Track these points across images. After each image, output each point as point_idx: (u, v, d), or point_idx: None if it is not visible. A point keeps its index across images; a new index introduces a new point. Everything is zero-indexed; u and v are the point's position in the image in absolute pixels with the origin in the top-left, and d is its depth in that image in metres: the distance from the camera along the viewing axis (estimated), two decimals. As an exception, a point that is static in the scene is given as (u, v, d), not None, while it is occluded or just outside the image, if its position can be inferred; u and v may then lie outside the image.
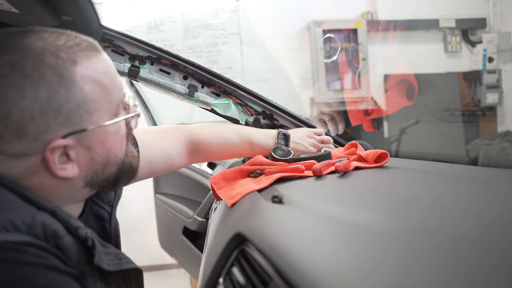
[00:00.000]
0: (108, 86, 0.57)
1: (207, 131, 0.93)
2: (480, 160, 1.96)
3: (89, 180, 0.59)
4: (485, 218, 0.47)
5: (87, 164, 0.57)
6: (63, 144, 0.53)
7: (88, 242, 0.55)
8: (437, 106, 2.62)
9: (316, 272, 0.37)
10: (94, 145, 0.57)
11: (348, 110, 1.99)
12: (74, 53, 0.54)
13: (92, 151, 0.57)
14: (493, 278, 0.32)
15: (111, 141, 0.59)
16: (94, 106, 0.55)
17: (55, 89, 0.52)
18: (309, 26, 3.03)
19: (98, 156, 0.58)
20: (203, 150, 0.92)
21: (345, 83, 2.97)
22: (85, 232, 0.55)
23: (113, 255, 0.60)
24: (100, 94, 0.56)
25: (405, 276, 0.34)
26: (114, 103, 0.59)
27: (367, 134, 1.78)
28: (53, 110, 0.52)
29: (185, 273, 2.75)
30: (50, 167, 0.53)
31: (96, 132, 0.56)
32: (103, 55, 0.59)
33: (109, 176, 0.61)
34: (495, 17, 3.12)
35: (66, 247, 0.52)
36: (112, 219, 0.70)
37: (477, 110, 2.91)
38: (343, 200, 0.60)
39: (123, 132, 0.62)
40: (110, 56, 0.98)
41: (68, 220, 0.54)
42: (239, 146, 0.94)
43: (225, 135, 0.94)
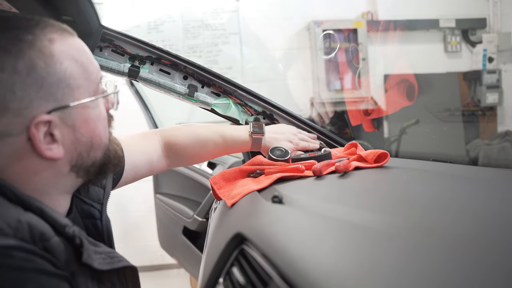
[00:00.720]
0: (86, 64, 0.58)
1: (178, 132, 0.95)
2: (480, 160, 1.96)
3: (75, 164, 0.58)
4: (484, 218, 0.47)
5: (72, 145, 0.57)
6: (47, 119, 0.53)
7: (76, 240, 0.55)
8: (437, 106, 2.62)
9: (316, 272, 0.37)
10: (77, 124, 0.57)
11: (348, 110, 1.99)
12: (49, 32, 0.55)
13: (76, 130, 0.57)
14: (492, 277, 0.32)
15: (94, 121, 0.59)
16: (75, 82, 0.56)
17: (35, 62, 0.52)
18: (309, 26, 3.03)
19: (82, 136, 0.58)
20: (176, 149, 0.93)
21: (345, 83, 2.97)
22: (72, 230, 0.55)
23: (104, 254, 0.60)
24: (79, 71, 0.57)
25: (404, 276, 0.34)
26: (93, 82, 0.59)
27: (367, 134, 1.78)
28: (34, 82, 0.52)
29: (185, 273, 2.75)
30: (36, 145, 0.53)
31: (79, 110, 0.57)
32: (77, 38, 0.60)
33: (95, 161, 0.61)
34: (495, 17, 3.12)
35: (55, 249, 0.51)
36: (103, 216, 0.70)
37: (477, 110, 2.91)
38: (343, 200, 0.60)
39: (104, 115, 0.62)
40: (110, 56, 0.99)
41: (55, 218, 0.54)
42: (211, 140, 0.94)
43: (195, 130, 0.95)
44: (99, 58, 0.98)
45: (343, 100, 2.92)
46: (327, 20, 3.00)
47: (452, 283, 0.32)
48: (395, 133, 2.26)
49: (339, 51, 2.97)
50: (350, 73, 2.97)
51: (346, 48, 2.98)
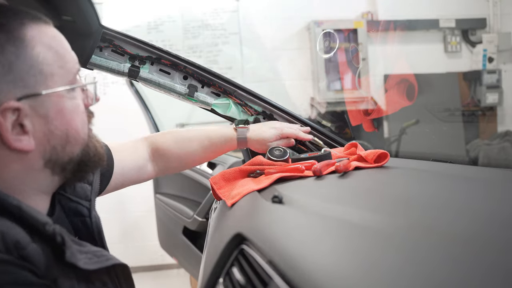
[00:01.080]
0: (61, 52, 0.56)
1: (163, 135, 0.94)
2: (480, 160, 1.96)
3: (48, 158, 0.55)
4: (484, 218, 0.47)
5: (45, 137, 0.54)
6: (15, 106, 0.50)
7: (57, 238, 0.51)
8: (437, 106, 2.62)
9: (315, 272, 0.37)
10: (51, 115, 0.53)
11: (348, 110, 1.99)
12: (23, 17, 0.53)
13: (49, 122, 0.53)
14: (491, 277, 0.32)
15: (70, 113, 0.56)
16: (48, 68, 0.53)
17: (4, 46, 0.50)
18: (309, 26, 3.03)
19: (56, 129, 0.54)
20: (162, 152, 0.92)
21: (345, 83, 2.97)
22: (52, 228, 0.51)
23: (90, 253, 0.56)
24: (53, 58, 0.54)
25: (404, 276, 0.34)
26: (70, 72, 0.57)
27: (367, 134, 1.78)
28: (1, 65, 0.50)
29: (185, 273, 2.75)
30: (3, 135, 0.50)
31: (53, 100, 0.54)
32: (53, 28, 0.57)
33: (72, 157, 0.57)
34: (495, 17, 3.12)
35: (32, 256, 0.47)
36: (92, 213, 0.66)
37: (477, 110, 2.91)
38: (343, 200, 0.60)
39: (83, 109, 0.59)
40: (110, 56, 0.99)
41: (34, 216, 0.51)
42: (195, 139, 0.94)
43: (181, 132, 0.95)
44: (99, 58, 0.97)
45: (343, 100, 2.92)
46: (327, 20, 3.00)
47: (451, 283, 0.32)
48: (395, 133, 2.26)
49: (339, 51, 2.97)
50: (350, 73, 2.97)
51: (346, 48, 2.98)
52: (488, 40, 2.99)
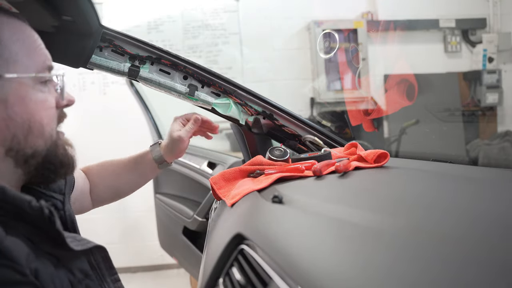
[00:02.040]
0: (29, 44, 0.56)
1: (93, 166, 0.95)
2: (480, 160, 1.96)
3: (9, 146, 0.54)
4: (485, 218, 0.47)
5: (3, 122, 0.52)
6: None
7: (45, 211, 0.51)
8: (437, 106, 2.62)
9: (316, 272, 0.37)
10: (11, 100, 0.53)
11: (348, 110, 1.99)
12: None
13: (9, 107, 0.53)
14: (492, 277, 0.32)
15: (34, 103, 0.55)
16: (10, 55, 0.53)
17: None
18: (309, 26, 3.03)
19: (16, 116, 0.53)
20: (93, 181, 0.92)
21: (345, 83, 2.97)
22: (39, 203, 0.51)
23: (71, 237, 0.56)
24: (19, 47, 0.55)
25: (404, 276, 0.34)
26: (38, 64, 0.57)
27: (367, 134, 1.78)
28: None
29: (185, 273, 2.75)
30: None
31: (14, 85, 0.53)
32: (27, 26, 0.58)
33: (36, 150, 0.56)
34: (495, 17, 3.12)
35: (11, 249, 0.46)
36: (66, 206, 0.65)
37: (477, 110, 2.91)
38: (343, 200, 0.60)
39: (51, 103, 0.59)
40: (110, 56, 0.99)
41: (18, 196, 0.50)
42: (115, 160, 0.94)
43: (107, 161, 0.95)
44: (99, 58, 0.98)
45: (343, 100, 2.92)
46: (327, 20, 3.00)
47: (453, 283, 0.32)
48: (395, 133, 2.26)
49: (339, 51, 2.97)
50: (350, 73, 2.97)
51: (346, 48, 2.98)
52: (488, 40, 2.99)
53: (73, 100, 0.63)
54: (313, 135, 1.08)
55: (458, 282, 0.32)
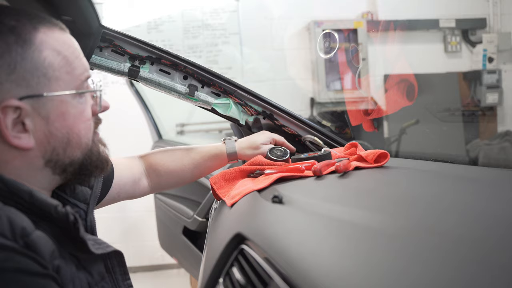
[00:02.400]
0: (70, 59, 0.57)
1: (157, 152, 0.95)
2: (480, 160, 1.95)
3: (49, 158, 0.56)
4: (485, 218, 0.47)
5: (45, 137, 0.55)
6: (16, 105, 0.51)
7: (70, 217, 0.53)
8: (437, 106, 2.62)
9: (316, 271, 0.37)
10: (52, 117, 0.55)
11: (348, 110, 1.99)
12: (37, 21, 0.54)
13: (50, 123, 0.55)
14: (492, 277, 0.32)
15: (73, 117, 0.57)
16: (53, 73, 0.54)
17: (11, 46, 0.51)
18: (309, 26, 3.02)
19: (57, 131, 0.55)
20: (155, 167, 0.93)
21: (345, 83, 2.97)
22: (64, 209, 0.53)
23: (92, 240, 0.59)
24: (60, 64, 0.55)
25: (405, 276, 0.34)
26: (78, 79, 0.58)
27: (367, 134, 1.78)
28: (6, 65, 0.51)
29: (185, 273, 2.75)
30: (3, 131, 0.51)
31: (55, 103, 0.55)
32: (67, 34, 0.59)
33: (74, 160, 0.59)
34: (495, 17, 3.12)
35: (37, 243, 0.48)
36: (88, 217, 0.66)
37: (477, 110, 2.91)
38: (343, 200, 0.60)
39: (88, 115, 0.60)
40: (110, 56, 0.99)
41: (45, 199, 0.53)
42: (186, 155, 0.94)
43: (173, 150, 0.95)
44: (99, 58, 0.98)
45: (343, 100, 2.92)
46: (327, 20, 2.99)
47: (453, 283, 0.32)
48: (395, 133, 2.26)
49: (339, 51, 2.97)
50: (350, 73, 2.97)
51: (346, 48, 2.98)
52: (488, 40, 2.99)
53: (108, 106, 0.65)
54: (313, 135, 1.08)
55: (458, 281, 0.32)
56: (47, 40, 0.54)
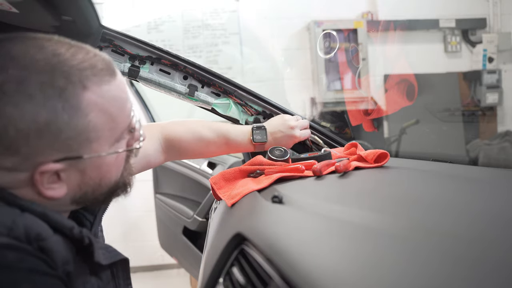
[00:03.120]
0: (115, 114, 0.55)
1: (180, 128, 0.92)
2: (480, 160, 1.95)
3: (77, 200, 0.57)
4: (485, 218, 0.47)
5: (77, 186, 0.55)
6: (54, 169, 0.51)
7: (85, 241, 0.54)
8: (437, 106, 2.62)
9: (316, 272, 0.37)
10: (88, 171, 0.55)
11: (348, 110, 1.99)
12: (86, 77, 0.51)
13: (85, 175, 0.55)
14: (493, 277, 0.32)
15: (107, 167, 0.57)
16: (96, 134, 0.53)
17: (58, 114, 0.49)
18: (309, 26, 3.02)
19: (91, 180, 0.56)
20: (178, 146, 0.91)
21: (345, 83, 2.97)
22: (79, 231, 0.54)
23: (103, 249, 0.60)
24: (104, 122, 0.54)
25: (405, 276, 0.34)
26: (118, 131, 0.56)
27: (367, 134, 1.78)
28: (51, 134, 0.49)
29: (185, 273, 2.75)
30: (37, 187, 0.51)
31: (93, 160, 0.54)
32: (117, 79, 0.56)
33: (100, 196, 0.59)
34: (495, 17, 3.12)
35: (51, 249, 0.49)
36: (94, 229, 0.66)
37: (477, 110, 2.91)
38: (343, 200, 0.60)
39: (122, 157, 0.60)
40: (111, 56, 0.99)
41: (60, 221, 0.53)
42: (214, 142, 0.93)
43: (200, 131, 0.92)
44: (99, 58, 0.97)
45: (343, 100, 2.92)
46: (327, 20, 2.99)
47: (453, 283, 0.32)
48: (395, 133, 2.26)
49: (339, 51, 2.97)
50: (350, 73, 2.97)
51: (346, 48, 2.98)
52: (488, 40, 2.99)
53: (144, 139, 0.63)
54: (313, 135, 1.08)
55: (458, 280, 0.32)
56: (94, 100, 0.52)
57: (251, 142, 0.95)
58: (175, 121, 0.95)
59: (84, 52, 0.53)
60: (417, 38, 3.09)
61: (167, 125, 0.92)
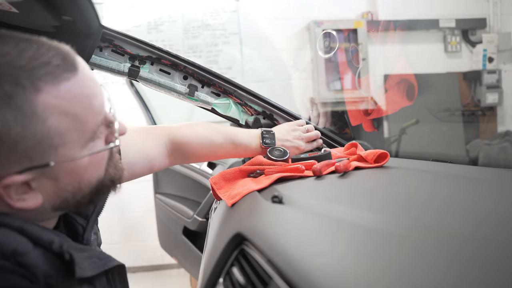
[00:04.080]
0: (81, 115, 0.49)
1: (188, 132, 0.90)
2: (480, 160, 1.96)
3: (58, 206, 0.52)
4: (484, 218, 0.47)
5: (54, 194, 0.50)
6: (19, 180, 0.46)
7: (65, 256, 0.49)
8: (437, 106, 2.62)
9: (316, 272, 0.37)
10: (62, 177, 0.50)
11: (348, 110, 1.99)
12: (39, 78, 0.45)
13: (60, 182, 0.50)
14: (492, 277, 0.32)
15: (84, 169, 0.51)
16: (60, 139, 0.47)
17: (10, 126, 0.43)
18: (309, 26, 3.02)
19: (67, 185, 0.51)
20: (185, 151, 0.89)
21: (345, 83, 2.97)
22: (59, 246, 0.49)
23: (94, 257, 0.55)
24: (69, 125, 0.48)
25: (405, 276, 0.34)
26: (89, 131, 0.50)
27: (367, 134, 1.78)
28: (6, 148, 0.44)
29: (185, 273, 2.75)
30: (5, 201, 0.47)
31: (63, 165, 0.49)
32: (78, 74, 0.49)
33: (83, 198, 0.54)
34: (495, 17, 3.12)
35: (31, 264, 0.46)
36: (86, 233, 0.62)
37: (477, 110, 2.91)
38: (343, 200, 0.60)
39: (101, 157, 0.54)
40: (110, 56, 0.99)
41: (39, 235, 0.49)
42: (222, 146, 0.91)
43: (208, 135, 0.91)
44: (99, 58, 0.98)
45: (343, 100, 2.92)
46: (327, 20, 3.00)
47: (453, 283, 0.32)
48: (395, 133, 2.26)
49: (339, 51, 2.97)
50: (350, 73, 2.97)
51: (346, 48, 2.98)
52: (488, 40, 2.99)
53: (125, 131, 0.57)
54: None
55: (459, 281, 0.32)
56: (51, 103, 0.46)
57: (261, 145, 0.93)
58: (183, 123, 0.92)
59: (35, 48, 0.46)
60: (417, 38, 3.09)
61: (174, 128, 0.90)
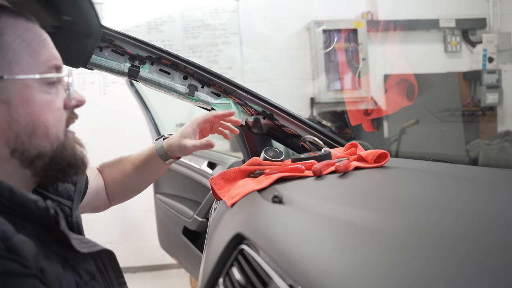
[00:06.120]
0: (34, 44, 0.55)
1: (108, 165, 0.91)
2: (480, 160, 1.96)
3: (14, 147, 0.53)
4: (485, 218, 0.47)
5: (7, 124, 0.52)
6: None
7: (50, 211, 0.52)
8: (437, 106, 2.62)
9: (316, 272, 0.37)
10: (14, 102, 0.52)
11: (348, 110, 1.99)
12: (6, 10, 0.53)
13: (12, 108, 0.52)
14: (492, 277, 0.32)
15: (39, 105, 0.54)
16: (14, 56, 0.53)
17: None
18: (309, 26, 3.03)
19: (20, 117, 0.53)
20: (109, 184, 0.90)
21: (345, 83, 2.97)
22: (45, 203, 0.52)
23: (78, 240, 0.57)
24: (23, 48, 0.54)
25: (405, 276, 0.34)
26: (43, 65, 0.56)
27: (367, 134, 1.78)
28: None
29: (185, 273, 2.75)
30: None
31: (18, 86, 0.53)
32: (36, 26, 0.57)
33: (42, 151, 0.56)
34: (495, 17, 3.12)
35: (19, 247, 0.47)
36: (73, 213, 0.64)
37: (477, 110, 2.91)
38: (343, 200, 0.60)
39: (57, 105, 0.57)
40: (110, 56, 0.99)
41: (25, 195, 0.51)
42: (125, 159, 0.91)
43: (116, 159, 0.92)
44: (99, 58, 0.97)
45: (343, 100, 2.92)
46: (327, 20, 3.00)
47: (453, 283, 0.32)
48: (395, 133, 2.26)
49: (339, 51, 2.97)
50: (350, 73, 2.97)
51: (346, 48, 2.98)
52: (488, 40, 2.99)
53: (83, 101, 0.62)
54: (313, 135, 1.08)
55: (457, 281, 0.32)
56: (9, 26, 0.53)
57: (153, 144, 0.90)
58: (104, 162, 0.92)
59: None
60: (417, 38, 3.09)
61: (100, 165, 0.91)
